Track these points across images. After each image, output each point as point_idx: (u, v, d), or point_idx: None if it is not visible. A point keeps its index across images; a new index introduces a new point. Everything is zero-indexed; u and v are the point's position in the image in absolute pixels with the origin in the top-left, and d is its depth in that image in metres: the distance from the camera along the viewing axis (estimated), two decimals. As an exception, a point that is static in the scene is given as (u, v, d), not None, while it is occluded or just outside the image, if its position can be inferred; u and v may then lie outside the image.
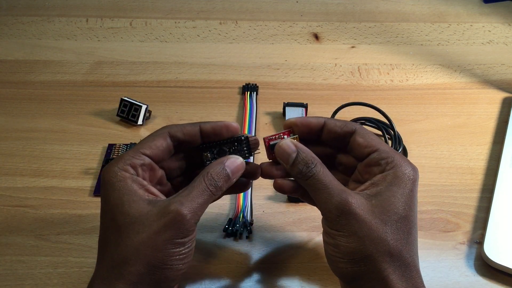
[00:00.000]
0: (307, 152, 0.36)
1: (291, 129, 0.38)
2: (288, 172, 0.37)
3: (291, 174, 0.36)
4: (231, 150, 0.38)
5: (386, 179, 0.34)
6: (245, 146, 0.38)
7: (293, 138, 0.37)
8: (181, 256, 0.33)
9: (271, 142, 0.38)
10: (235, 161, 0.36)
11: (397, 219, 0.33)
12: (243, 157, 0.37)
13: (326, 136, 0.38)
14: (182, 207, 0.33)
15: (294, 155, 0.35)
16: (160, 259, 0.32)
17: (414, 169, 0.35)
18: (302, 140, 0.38)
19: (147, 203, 0.33)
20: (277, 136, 0.38)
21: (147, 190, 0.35)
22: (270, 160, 0.38)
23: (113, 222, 0.34)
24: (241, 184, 0.39)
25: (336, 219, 0.33)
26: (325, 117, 0.38)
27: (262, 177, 0.39)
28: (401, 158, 0.35)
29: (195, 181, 0.35)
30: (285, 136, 0.38)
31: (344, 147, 0.38)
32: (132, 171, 0.35)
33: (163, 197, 0.35)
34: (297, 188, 0.38)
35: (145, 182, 0.35)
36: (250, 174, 0.39)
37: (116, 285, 0.32)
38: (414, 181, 0.35)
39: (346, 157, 0.38)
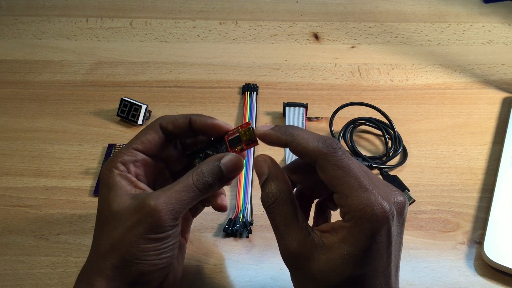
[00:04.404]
0: (274, 180, 0.32)
1: (250, 121, 0.37)
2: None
3: None
4: (215, 153, 0.37)
5: (342, 231, 0.30)
6: (225, 147, 0.36)
7: (247, 129, 0.35)
8: (156, 252, 0.32)
9: (229, 138, 0.36)
10: (232, 159, 0.34)
11: (349, 279, 0.30)
12: None
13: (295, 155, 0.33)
14: (157, 202, 0.32)
15: (263, 178, 0.33)
16: (133, 254, 0.32)
17: (379, 218, 0.29)
18: None
19: (131, 198, 0.33)
20: (235, 130, 0.36)
21: (136, 186, 0.34)
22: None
23: (99, 218, 0.34)
24: (218, 204, 0.39)
25: (288, 267, 0.33)
26: (290, 136, 0.32)
27: None
28: (363, 206, 0.29)
29: (184, 176, 0.34)
30: (241, 129, 0.36)
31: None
32: (122, 168, 0.34)
33: (151, 191, 0.34)
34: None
35: (134, 179, 0.34)
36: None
37: (95, 279, 0.32)
38: (372, 235, 0.29)
39: None
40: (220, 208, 0.39)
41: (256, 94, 0.59)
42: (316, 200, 0.37)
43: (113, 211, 0.33)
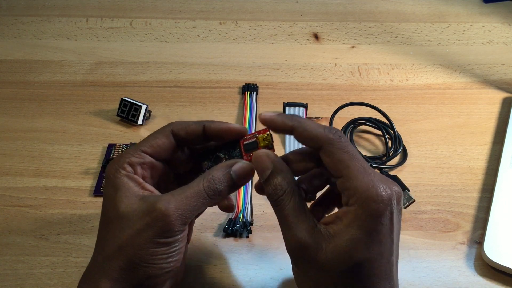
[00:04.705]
0: (280, 173, 0.33)
1: (268, 128, 0.35)
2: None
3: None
4: (227, 157, 0.37)
5: (347, 216, 0.31)
6: (239, 151, 0.36)
7: (266, 136, 0.35)
8: (164, 256, 0.32)
9: (245, 142, 0.36)
10: (243, 166, 0.34)
11: (356, 265, 0.30)
12: None
13: (299, 141, 0.34)
14: (168, 206, 0.32)
15: (267, 172, 0.33)
16: (141, 257, 0.32)
17: (384, 200, 0.30)
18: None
19: (139, 199, 0.33)
20: (252, 135, 0.36)
21: (143, 187, 0.34)
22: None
23: (105, 218, 0.34)
24: (226, 204, 0.39)
25: (294, 259, 0.33)
26: (296, 121, 0.33)
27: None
28: (368, 188, 0.30)
29: (194, 180, 0.34)
30: (258, 135, 0.36)
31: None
32: (129, 169, 0.34)
33: (158, 194, 0.34)
34: None
35: (141, 180, 0.34)
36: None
37: (100, 281, 0.32)
38: (378, 217, 0.30)
39: None
40: (227, 209, 0.39)
41: (256, 94, 0.59)
42: (311, 203, 0.37)
43: (120, 213, 0.33)
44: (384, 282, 0.32)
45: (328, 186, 0.38)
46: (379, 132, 0.55)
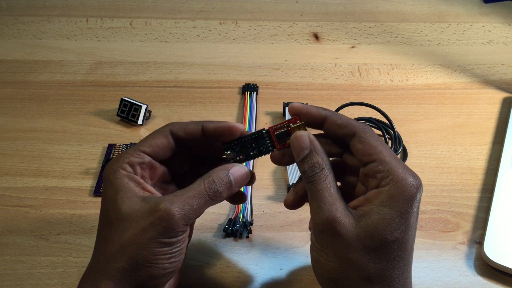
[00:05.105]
0: (318, 153, 0.34)
1: (297, 116, 0.36)
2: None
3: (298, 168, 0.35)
4: (253, 146, 0.37)
5: (379, 197, 0.32)
6: (268, 140, 0.37)
7: (299, 125, 0.36)
8: (167, 256, 0.33)
9: (277, 132, 0.36)
10: (240, 170, 0.35)
11: (385, 244, 0.31)
12: (266, 151, 0.37)
13: (327, 131, 0.36)
14: (172, 206, 0.32)
15: (306, 152, 0.34)
16: (144, 257, 0.32)
17: (414, 185, 0.32)
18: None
19: (141, 200, 0.33)
20: (282, 124, 0.36)
21: (144, 188, 0.34)
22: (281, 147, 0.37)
23: (106, 218, 0.34)
24: (238, 195, 0.39)
25: (320, 234, 0.33)
26: (329, 111, 0.35)
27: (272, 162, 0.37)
28: (401, 172, 0.32)
29: (195, 182, 0.34)
30: (291, 124, 0.36)
31: (347, 147, 0.35)
32: (129, 169, 0.34)
33: (159, 195, 0.35)
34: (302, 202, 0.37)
35: (141, 180, 0.35)
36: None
37: (102, 281, 0.32)
38: (411, 200, 0.32)
39: (351, 157, 0.35)
40: (238, 199, 0.39)
41: (256, 94, 0.59)
42: None
43: (123, 213, 0.33)
44: (405, 268, 0.32)
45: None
46: (379, 132, 0.55)
